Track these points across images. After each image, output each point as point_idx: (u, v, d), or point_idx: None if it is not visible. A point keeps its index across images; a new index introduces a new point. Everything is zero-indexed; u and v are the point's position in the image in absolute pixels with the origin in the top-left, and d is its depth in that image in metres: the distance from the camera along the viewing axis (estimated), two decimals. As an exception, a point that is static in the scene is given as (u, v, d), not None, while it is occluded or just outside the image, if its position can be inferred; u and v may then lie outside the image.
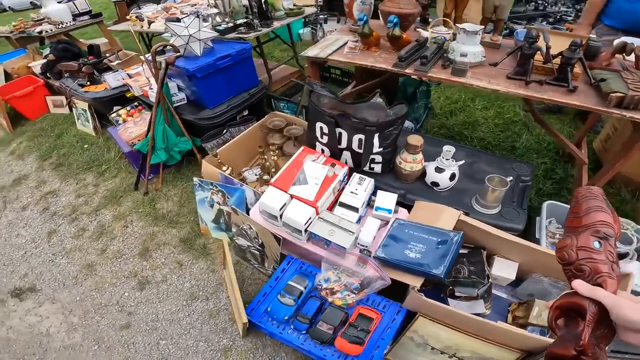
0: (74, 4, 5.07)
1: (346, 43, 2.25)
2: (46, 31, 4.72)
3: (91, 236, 2.63)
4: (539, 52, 1.70)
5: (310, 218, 1.62)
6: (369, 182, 1.84)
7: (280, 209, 1.65)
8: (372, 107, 1.76)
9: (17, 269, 2.54)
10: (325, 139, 1.93)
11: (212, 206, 2.29)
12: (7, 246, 2.72)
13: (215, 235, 2.41)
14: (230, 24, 3.00)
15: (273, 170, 2.54)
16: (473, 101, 3.53)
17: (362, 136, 1.79)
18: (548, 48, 1.68)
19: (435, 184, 1.90)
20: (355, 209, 1.74)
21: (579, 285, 0.62)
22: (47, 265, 2.52)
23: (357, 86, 2.96)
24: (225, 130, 2.53)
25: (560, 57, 1.69)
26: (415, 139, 1.83)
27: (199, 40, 2.50)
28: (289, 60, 4.18)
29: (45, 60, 4.28)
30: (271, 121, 2.66)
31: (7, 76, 4.95)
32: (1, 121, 4.19)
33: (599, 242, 0.65)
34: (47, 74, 4.25)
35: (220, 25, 3.02)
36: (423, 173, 1.94)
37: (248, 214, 1.94)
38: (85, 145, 3.54)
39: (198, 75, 2.41)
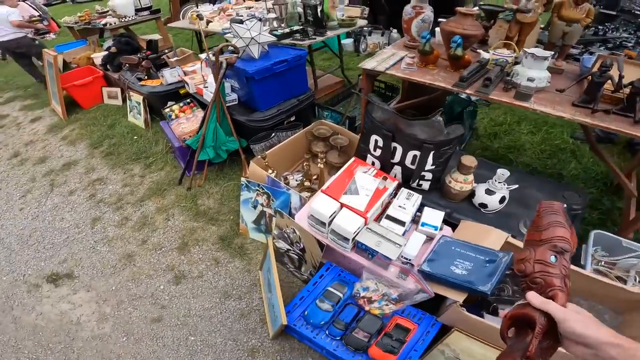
0: (138, -3, 5.42)
1: (402, 58, 2.28)
2: (110, 24, 5.05)
3: (134, 226, 2.76)
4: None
5: (359, 228, 1.65)
6: (417, 198, 1.87)
7: (330, 216, 1.68)
8: (428, 124, 1.78)
9: (57, 254, 2.67)
10: (378, 152, 1.97)
11: (255, 207, 2.36)
12: (50, 229, 2.88)
13: (253, 236, 2.48)
14: (286, 30, 3.10)
15: (315, 177, 2.59)
16: (519, 124, 3.48)
17: (417, 153, 1.83)
18: (621, 77, 1.65)
19: (484, 205, 1.90)
20: (402, 223, 1.77)
21: (532, 297, 0.65)
22: (87, 252, 2.65)
23: (403, 102, 2.97)
24: (273, 134, 2.62)
25: (630, 87, 1.65)
26: (469, 160, 1.83)
27: (259, 43, 2.61)
28: (334, 70, 4.25)
29: (106, 52, 4.56)
30: (317, 129, 2.72)
31: (65, 65, 5.32)
32: (57, 108, 4.48)
33: (555, 256, 0.69)
34: (107, 65, 4.54)
35: (276, 30, 3.13)
36: (470, 193, 1.95)
37: (292, 217, 1.98)
38: (135, 137, 3.75)
39: (256, 78, 2.53)
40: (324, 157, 2.35)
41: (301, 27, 3.17)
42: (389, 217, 1.79)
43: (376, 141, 1.93)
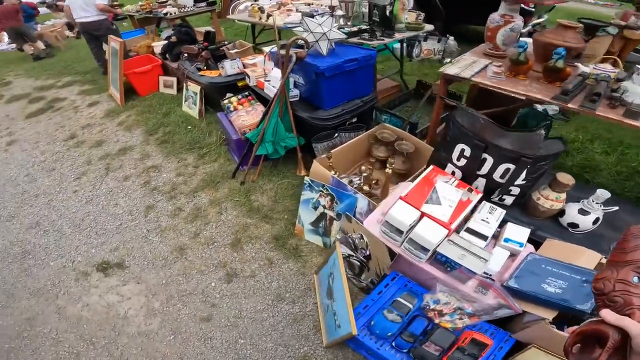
0: (197, -12, 5.53)
1: (487, 66, 2.16)
2: (170, 13, 5.16)
3: (186, 217, 2.75)
4: None
5: (441, 239, 1.57)
6: (501, 213, 1.78)
7: (410, 225, 1.58)
8: (527, 137, 1.66)
9: (109, 241, 2.66)
10: (462, 162, 1.87)
11: (315, 208, 2.29)
12: (103, 214, 2.89)
13: (308, 237, 2.41)
14: (353, 28, 3.02)
15: (374, 182, 2.49)
16: (592, 143, 3.27)
17: (510, 166, 1.72)
18: None
19: (574, 225, 1.84)
20: (485, 237, 1.68)
21: (607, 314, 0.65)
22: (139, 241, 2.62)
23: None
24: (336, 134, 2.54)
25: None
26: (566, 178, 1.71)
27: (329, 39, 2.54)
28: (394, 74, 4.14)
29: (166, 42, 4.65)
30: (381, 132, 2.63)
31: (124, 53, 5.48)
32: (115, 93, 4.61)
33: (638, 277, 0.69)
34: (166, 54, 4.62)
35: (343, 27, 3.06)
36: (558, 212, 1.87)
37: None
38: (189, 127, 3.79)
39: (326, 75, 2.47)
40: (392, 162, 2.24)
41: (368, 26, 3.08)
42: (470, 231, 1.69)
43: (462, 150, 1.83)
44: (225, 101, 3.26)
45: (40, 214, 2.98)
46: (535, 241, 1.83)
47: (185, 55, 4.28)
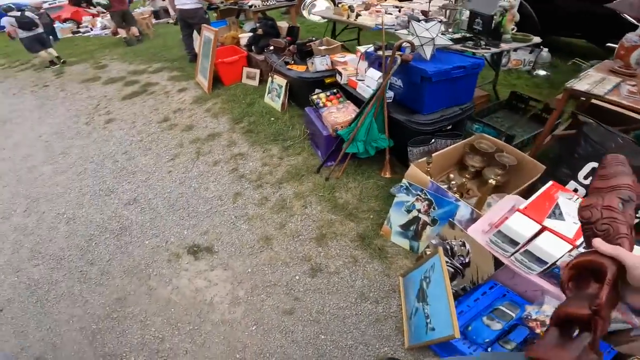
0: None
1: (618, 84, 2.11)
2: (255, 5, 5.38)
3: (272, 207, 2.86)
4: None
5: (564, 254, 1.54)
6: None
7: (528, 238, 1.58)
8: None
9: (200, 224, 2.79)
10: (589, 180, 1.77)
11: (408, 211, 2.29)
12: (195, 197, 3.06)
13: (395, 239, 2.42)
14: (456, 35, 2.99)
15: (468, 191, 2.44)
16: None
17: None
18: None
19: None
20: None
21: (600, 244, 0.64)
22: (228, 226, 2.74)
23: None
24: (433, 140, 2.52)
25: None
26: None
27: (434, 45, 2.52)
28: (487, 84, 4.01)
29: (252, 34, 4.85)
30: (479, 142, 2.57)
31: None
32: (202, 81, 4.89)
33: (622, 203, 0.69)
34: (252, 46, 4.82)
35: (444, 34, 3.03)
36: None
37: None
38: (272, 118, 3.94)
39: (433, 80, 2.46)
40: (498, 173, 2.19)
41: (473, 34, 3.03)
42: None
43: (594, 169, 1.76)
44: (314, 97, 3.35)
45: (138, 191, 3.24)
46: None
47: (271, 48, 4.45)
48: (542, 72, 4.47)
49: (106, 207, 3.09)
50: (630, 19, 2.60)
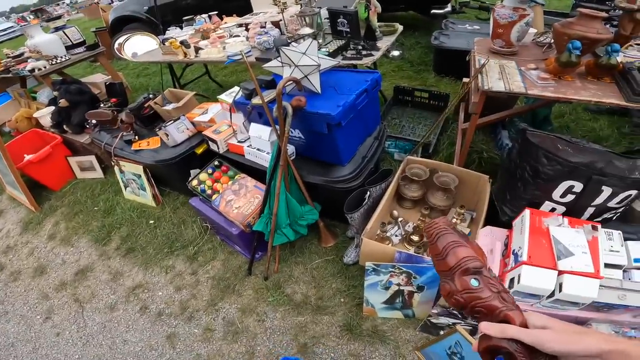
0: (64, 32, 4.57)
1: (522, 71, 2.09)
2: (39, 68, 4.24)
3: (225, 337, 2.39)
4: None
5: (596, 290, 1.57)
6: (619, 235, 1.78)
7: (552, 289, 1.59)
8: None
9: None
10: (568, 198, 1.86)
11: (386, 288, 2.12)
12: (119, 356, 2.42)
13: (383, 315, 2.28)
14: (331, 47, 2.69)
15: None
16: (576, 111, 3.69)
17: (633, 192, 1.76)
18: None
19: None
20: (621, 267, 1.70)
21: (487, 328, 0.62)
22: None
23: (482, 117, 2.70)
24: (367, 193, 2.28)
25: None
26: None
27: (320, 71, 2.17)
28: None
29: (54, 108, 3.83)
30: (410, 168, 2.47)
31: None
32: (20, 197, 3.73)
33: (475, 279, 0.66)
34: (64, 126, 3.80)
35: (320, 48, 2.70)
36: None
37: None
38: (151, 221, 3.23)
39: (342, 123, 2.08)
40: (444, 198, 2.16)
41: (346, 41, 2.74)
42: (606, 265, 1.69)
43: (570, 187, 1.81)
44: (194, 182, 2.76)
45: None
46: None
47: (94, 123, 3.55)
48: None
49: None
50: None
